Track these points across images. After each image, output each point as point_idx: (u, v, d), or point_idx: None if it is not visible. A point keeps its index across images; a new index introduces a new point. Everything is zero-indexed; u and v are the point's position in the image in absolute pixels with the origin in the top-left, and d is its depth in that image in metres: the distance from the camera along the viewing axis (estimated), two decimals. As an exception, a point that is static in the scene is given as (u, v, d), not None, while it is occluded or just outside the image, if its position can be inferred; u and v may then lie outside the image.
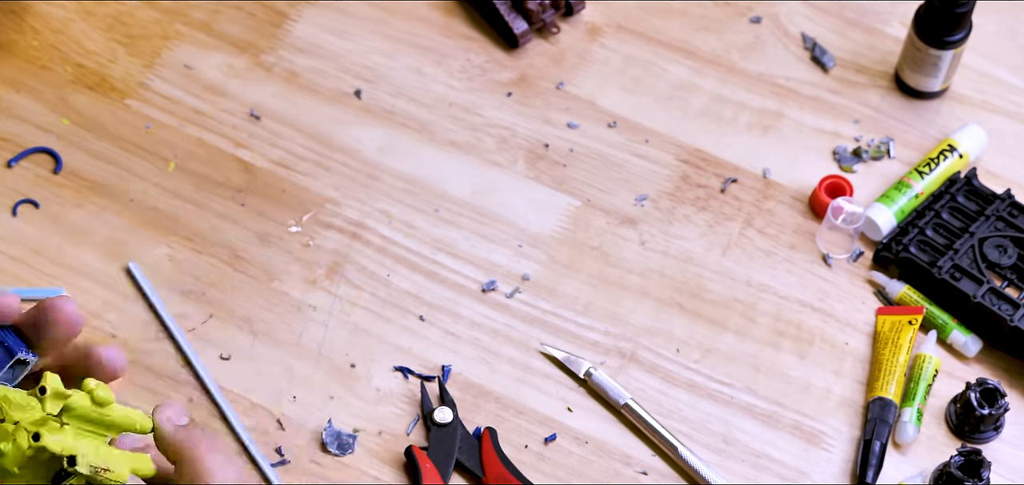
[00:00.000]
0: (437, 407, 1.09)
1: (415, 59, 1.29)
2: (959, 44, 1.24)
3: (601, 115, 1.26)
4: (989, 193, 1.21)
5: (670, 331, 1.15)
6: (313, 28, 1.29)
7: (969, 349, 1.14)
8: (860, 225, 1.18)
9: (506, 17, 1.29)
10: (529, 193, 1.22)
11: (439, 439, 1.08)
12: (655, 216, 1.21)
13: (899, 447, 1.11)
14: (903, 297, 1.17)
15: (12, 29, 1.27)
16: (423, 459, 1.06)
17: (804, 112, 1.27)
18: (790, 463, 1.10)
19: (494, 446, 1.07)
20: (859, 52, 1.31)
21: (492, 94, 1.27)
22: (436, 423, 1.09)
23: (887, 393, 1.11)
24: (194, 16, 1.29)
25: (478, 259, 1.18)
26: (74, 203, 1.18)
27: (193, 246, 1.17)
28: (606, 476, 1.09)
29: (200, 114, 1.24)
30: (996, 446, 1.11)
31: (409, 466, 1.07)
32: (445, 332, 1.14)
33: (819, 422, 1.12)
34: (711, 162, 1.24)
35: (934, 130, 1.27)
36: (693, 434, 1.11)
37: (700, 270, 1.18)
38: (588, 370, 1.12)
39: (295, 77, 1.27)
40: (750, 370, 1.14)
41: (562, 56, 1.30)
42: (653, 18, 1.32)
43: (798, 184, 1.23)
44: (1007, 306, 1.14)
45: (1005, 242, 1.18)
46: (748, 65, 1.30)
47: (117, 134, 1.22)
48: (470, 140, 1.24)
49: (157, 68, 1.26)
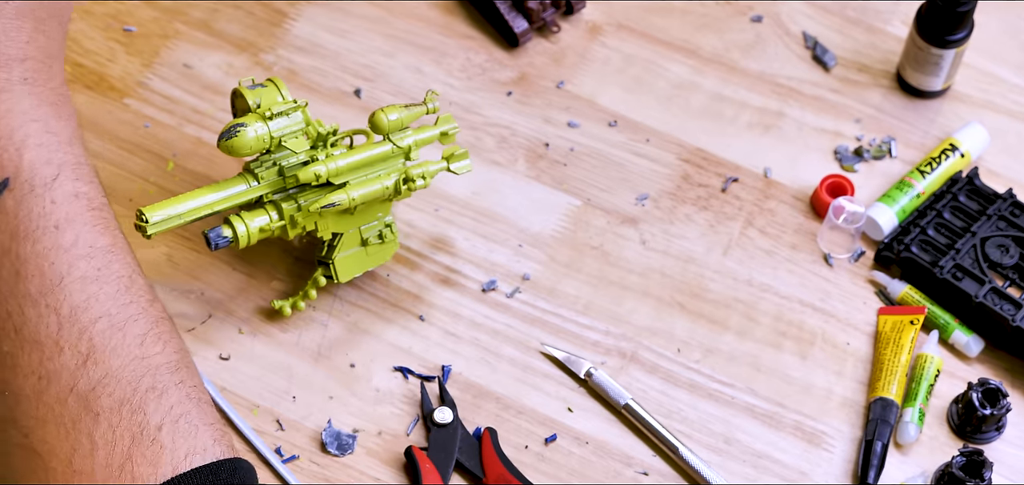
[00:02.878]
0: (437, 407, 1.09)
1: (415, 58, 1.28)
2: (961, 43, 1.24)
3: (601, 114, 1.26)
4: (991, 193, 1.21)
5: (671, 331, 1.15)
6: (312, 27, 1.29)
7: (971, 349, 1.14)
8: (861, 225, 1.18)
9: (506, 16, 1.28)
10: (529, 192, 1.22)
11: (439, 439, 1.08)
12: (656, 216, 1.21)
13: (901, 447, 1.10)
14: (905, 297, 1.16)
15: (11, 28, 1.27)
16: (423, 459, 1.06)
17: (805, 111, 1.27)
18: (791, 464, 1.10)
19: (494, 446, 1.07)
20: (861, 51, 1.31)
21: (492, 93, 1.27)
22: (436, 423, 1.08)
23: (889, 393, 1.11)
24: (193, 15, 1.29)
25: (478, 259, 1.18)
26: (73, 203, 1.18)
27: (192, 246, 1.17)
28: (606, 476, 1.09)
29: (199, 113, 1.24)
30: (998, 446, 1.11)
31: (409, 467, 1.07)
32: (445, 332, 1.14)
33: (820, 422, 1.11)
34: (712, 161, 1.24)
35: (936, 129, 1.27)
36: (694, 434, 1.11)
37: (701, 270, 1.18)
38: (589, 370, 1.12)
39: (294, 76, 1.26)
40: (751, 370, 1.13)
41: (562, 55, 1.29)
42: (654, 17, 1.32)
43: (799, 184, 1.23)
44: (1009, 306, 1.13)
45: (1007, 242, 1.18)
46: (749, 64, 1.30)
47: (116, 133, 1.22)
48: (470, 139, 1.24)
49: (156, 67, 1.26)
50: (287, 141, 1.07)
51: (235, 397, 1.10)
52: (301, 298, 1.11)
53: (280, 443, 1.08)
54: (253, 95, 1.07)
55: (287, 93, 1.08)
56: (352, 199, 1.07)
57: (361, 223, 1.10)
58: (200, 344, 1.12)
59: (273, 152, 1.07)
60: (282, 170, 1.07)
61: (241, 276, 1.16)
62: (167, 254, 1.16)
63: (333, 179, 1.07)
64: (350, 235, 1.10)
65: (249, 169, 1.08)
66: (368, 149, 1.09)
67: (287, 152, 1.07)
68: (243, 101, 1.08)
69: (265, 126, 1.06)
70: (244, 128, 1.05)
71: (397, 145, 1.10)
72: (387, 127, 1.09)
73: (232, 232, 1.06)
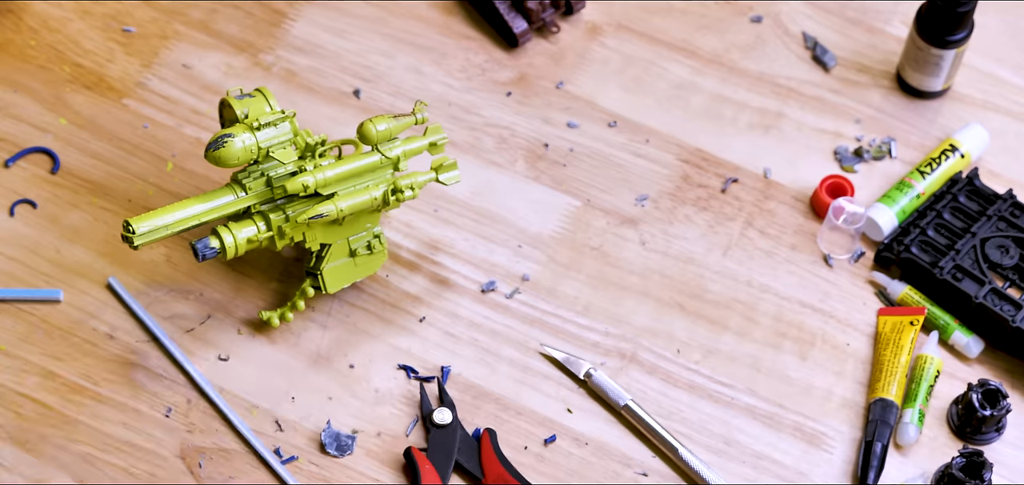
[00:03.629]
0: (436, 408, 1.09)
1: (414, 58, 1.28)
2: (961, 43, 1.24)
3: (601, 115, 1.26)
4: (991, 193, 1.20)
5: (670, 332, 1.15)
6: (312, 27, 1.29)
7: (971, 350, 1.14)
8: (861, 225, 1.17)
9: (505, 16, 1.28)
10: (529, 193, 1.21)
11: (438, 440, 1.08)
12: (655, 216, 1.21)
13: (900, 448, 1.10)
14: (904, 298, 1.16)
15: (10, 29, 1.27)
16: (422, 461, 1.06)
17: (805, 112, 1.27)
18: (791, 464, 1.10)
19: (494, 447, 1.07)
20: (860, 51, 1.31)
21: (491, 94, 1.27)
22: (435, 424, 1.08)
23: (888, 394, 1.10)
24: (192, 15, 1.29)
25: (478, 259, 1.18)
26: (71, 203, 1.18)
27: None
28: (606, 477, 1.09)
29: (198, 114, 1.24)
30: (998, 447, 1.11)
31: (408, 467, 1.07)
32: (444, 333, 1.14)
33: (820, 423, 1.11)
34: (712, 162, 1.24)
35: (936, 130, 1.27)
36: (693, 435, 1.10)
37: (701, 270, 1.18)
38: (588, 371, 1.12)
39: (294, 77, 1.26)
40: (751, 371, 1.13)
41: (562, 55, 1.29)
42: (654, 17, 1.32)
43: (799, 184, 1.23)
44: (1009, 307, 1.13)
45: (1007, 242, 1.17)
46: (749, 65, 1.30)
47: (115, 134, 1.22)
48: (469, 140, 1.24)
49: (155, 68, 1.26)
50: (275, 152, 1.07)
51: (234, 397, 1.10)
52: (289, 309, 1.11)
53: (279, 444, 1.08)
54: (241, 105, 1.08)
55: (275, 103, 1.08)
56: (340, 210, 1.07)
57: (349, 234, 1.10)
58: (199, 344, 1.12)
59: (261, 162, 1.08)
60: (270, 181, 1.07)
61: (240, 277, 1.15)
62: (166, 255, 1.16)
63: (321, 190, 1.07)
64: (338, 246, 1.10)
65: (237, 180, 1.08)
66: (356, 159, 1.09)
67: (275, 162, 1.08)
68: (231, 111, 1.08)
69: (253, 137, 1.06)
70: (231, 139, 1.05)
71: (385, 156, 1.10)
72: (375, 138, 1.09)
73: (219, 243, 1.06)
